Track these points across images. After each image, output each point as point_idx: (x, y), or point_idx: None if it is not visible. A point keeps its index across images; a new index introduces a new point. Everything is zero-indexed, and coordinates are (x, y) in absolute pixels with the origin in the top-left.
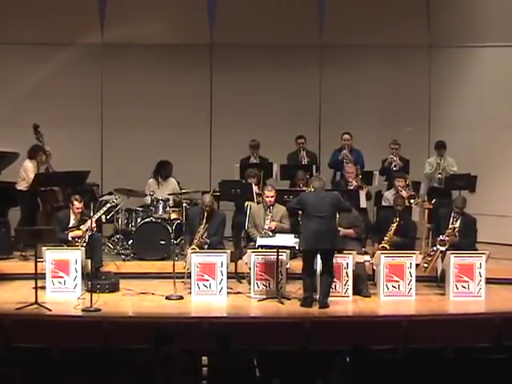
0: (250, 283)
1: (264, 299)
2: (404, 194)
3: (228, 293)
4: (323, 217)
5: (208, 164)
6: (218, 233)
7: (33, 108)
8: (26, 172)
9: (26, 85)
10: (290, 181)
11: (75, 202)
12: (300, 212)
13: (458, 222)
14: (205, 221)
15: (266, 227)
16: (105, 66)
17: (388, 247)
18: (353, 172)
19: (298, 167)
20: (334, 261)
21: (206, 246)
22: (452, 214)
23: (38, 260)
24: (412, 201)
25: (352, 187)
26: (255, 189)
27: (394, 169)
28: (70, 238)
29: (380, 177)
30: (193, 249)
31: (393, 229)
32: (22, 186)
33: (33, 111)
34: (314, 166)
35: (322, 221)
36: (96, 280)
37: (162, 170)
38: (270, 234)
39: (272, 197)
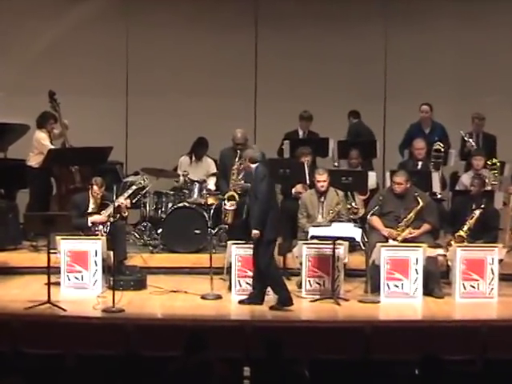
0: (299, 286)
1: (317, 300)
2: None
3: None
4: None
5: (252, 138)
6: None
7: (46, 72)
8: (39, 142)
9: (38, 45)
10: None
11: (94, 187)
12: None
13: None
14: (237, 160)
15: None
16: (130, 23)
17: (465, 236)
18: (423, 148)
19: (356, 144)
20: (402, 254)
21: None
22: None
23: (51, 251)
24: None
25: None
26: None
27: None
28: (89, 224)
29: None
30: (230, 196)
31: (475, 216)
32: (34, 161)
33: (46, 76)
34: (376, 143)
35: None
36: (119, 275)
37: (197, 148)
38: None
39: (324, 181)
